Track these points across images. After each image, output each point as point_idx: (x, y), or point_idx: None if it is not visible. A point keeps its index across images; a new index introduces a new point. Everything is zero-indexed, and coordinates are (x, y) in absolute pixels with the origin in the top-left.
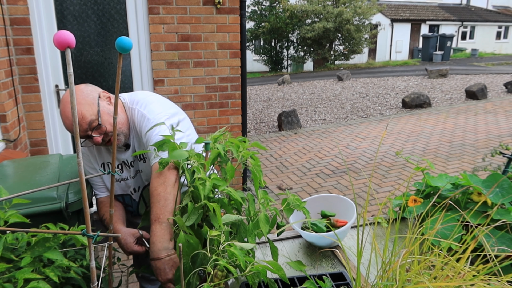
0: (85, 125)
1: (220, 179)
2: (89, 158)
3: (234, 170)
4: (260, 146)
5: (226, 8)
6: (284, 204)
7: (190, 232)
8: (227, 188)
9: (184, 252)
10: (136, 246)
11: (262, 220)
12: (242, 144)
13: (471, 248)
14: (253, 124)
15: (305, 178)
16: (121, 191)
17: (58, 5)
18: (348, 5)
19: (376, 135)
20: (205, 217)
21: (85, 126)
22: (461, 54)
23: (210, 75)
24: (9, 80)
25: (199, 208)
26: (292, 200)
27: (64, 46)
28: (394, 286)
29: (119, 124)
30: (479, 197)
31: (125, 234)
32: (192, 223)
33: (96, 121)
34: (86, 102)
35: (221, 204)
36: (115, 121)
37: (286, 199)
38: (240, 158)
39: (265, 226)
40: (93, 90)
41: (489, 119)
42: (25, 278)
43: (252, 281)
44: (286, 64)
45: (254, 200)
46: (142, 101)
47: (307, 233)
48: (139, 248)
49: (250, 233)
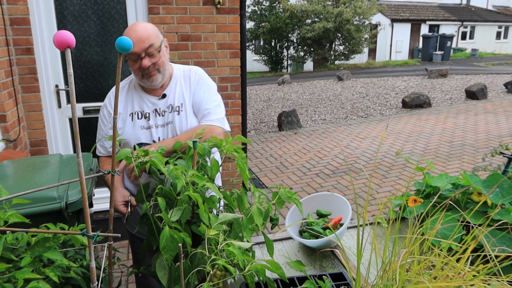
0: (147, 44)
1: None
2: (106, 121)
3: (219, 166)
4: (243, 139)
5: (226, 8)
6: (275, 198)
7: (177, 227)
8: (207, 184)
9: (168, 247)
10: (121, 206)
11: (255, 213)
12: (225, 139)
13: (471, 248)
14: (253, 124)
15: (305, 178)
16: (145, 140)
17: (58, 5)
18: (348, 5)
19: (376, 135)
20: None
21: (146, 45)
22: (461, 54)
23: (210, 75)
24: (9, 80)
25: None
26: (283, 192)
27: (64, 46)
28: (394, 286)
29: (164, 63)
30: (479, 197)
31: (118, 193)
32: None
33: (155, 50)
34: (156, 33)
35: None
36: (115, 121)
37: (277, 192)
38: (224, 152)
39: (259, 218)
40: (163, 38)
41: (489, 119)
42: (25, 278)
43: (250, 280)
44: (286, 64)
45: (246, 192)
46: (197, 69)
47: (303, 240)
48: (123, 209)
49: (244, 227)
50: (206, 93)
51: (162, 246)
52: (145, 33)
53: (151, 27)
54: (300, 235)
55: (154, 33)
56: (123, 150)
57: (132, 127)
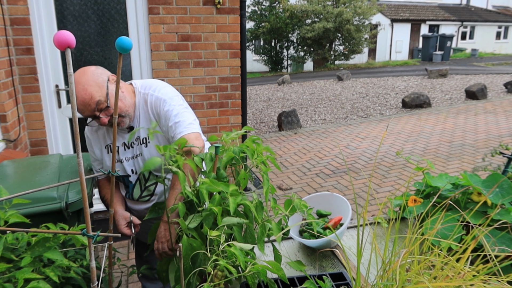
0: (93, 105)
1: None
2: (90, 143)
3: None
4: (271, 151)
5: (226, 8)
6: (289, 208)
7: (194, 234)
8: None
9: (185, 254)
10: (125, 229)
11: (274, 229)
12: (257, 147)
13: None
14: (253, 124)
15: (305, 178)
16: (122, 172)
17: (58, 5)
18: (348, 5)
19: (376, 135)
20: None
21: (93, 106)
22: (461, 54)
23: (210, 75)
24: (9, 80)
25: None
26: (299, 204)
27: (64, 46)
28: (394, 286)
29: (126, 106)
30: (479, 197)
31: (119, 216)
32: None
33: (104, 103)
34: (96, 83)
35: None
36: (115, 121)
37: (290, 201)
38: (253, 163)
39: (277, 232)
40: (102, 72)
41: (489, 119)
42: (25, 278)
43: (251, 281)
44: (286, 64)
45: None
46: (154, 86)
47: (303, 240)
48: (128, 231)
49: (259, 239)
50: (165, 108)
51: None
52: (85, 94)
53: (88, 81)
54: (300, 235)
55: (94, 87)
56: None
57: (109, 160)
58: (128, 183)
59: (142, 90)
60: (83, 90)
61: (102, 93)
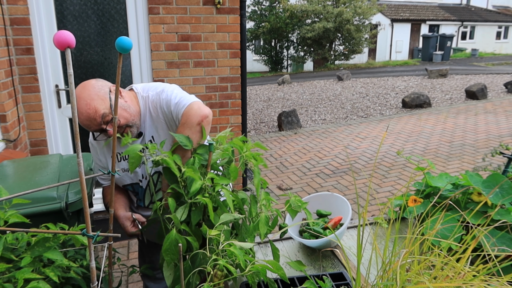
0: (99, 118)
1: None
2: (96, 150)
3: (238, 171)
4: (261, 146)
5: (226, 8)
6: (286, 206)
7: (186, 229)
8: (224, 187)
9: (170, 250)
10: (133, 228)
11: (262, 221)
12: (245, 145)
13: (471, 248)
14: (253, 124)
15: (305, 178)
16: (130, 181)
17: (58, 5)
18: (348, 5)
19: (376, 135)
20: (206, 216)
21: (99, 120)
22: (461, 54)
23: (210, 75)
24: (9, 80)
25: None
26: (294, 201)
27: (64, 46)
28: (394, 286)
29: (132, 115)
30: (479, 197)
31: (123, 218)
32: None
33: (109, 115)
34: (98, 97)
35: (218, 204)
36: (115, 121)
37: (289, 201)
38: (243, 159)
39: (264, 227)
40: (103, 84)
41: (489, 119)
42: (25, 278)
43: (252, 281)
44: (286, 64)
45: (256, 201)
46: (154, 86)
47: (303, 240)
48: (135, 230)
49: (250, 234)
50: (164, 97)
51: (164, 249)
52: (90, 109)
53: (90, 96)
54: (300, 235)
55: (97, 100)
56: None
57: (117, 168)
58: (138, 190)
59: (144, 94)
60: (87, 105)
61: (106, 105)
